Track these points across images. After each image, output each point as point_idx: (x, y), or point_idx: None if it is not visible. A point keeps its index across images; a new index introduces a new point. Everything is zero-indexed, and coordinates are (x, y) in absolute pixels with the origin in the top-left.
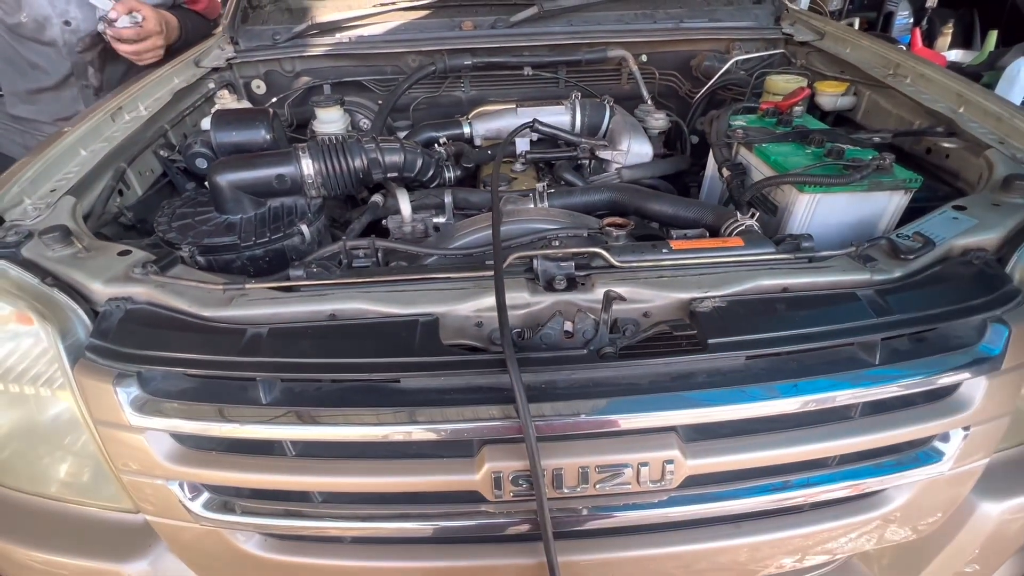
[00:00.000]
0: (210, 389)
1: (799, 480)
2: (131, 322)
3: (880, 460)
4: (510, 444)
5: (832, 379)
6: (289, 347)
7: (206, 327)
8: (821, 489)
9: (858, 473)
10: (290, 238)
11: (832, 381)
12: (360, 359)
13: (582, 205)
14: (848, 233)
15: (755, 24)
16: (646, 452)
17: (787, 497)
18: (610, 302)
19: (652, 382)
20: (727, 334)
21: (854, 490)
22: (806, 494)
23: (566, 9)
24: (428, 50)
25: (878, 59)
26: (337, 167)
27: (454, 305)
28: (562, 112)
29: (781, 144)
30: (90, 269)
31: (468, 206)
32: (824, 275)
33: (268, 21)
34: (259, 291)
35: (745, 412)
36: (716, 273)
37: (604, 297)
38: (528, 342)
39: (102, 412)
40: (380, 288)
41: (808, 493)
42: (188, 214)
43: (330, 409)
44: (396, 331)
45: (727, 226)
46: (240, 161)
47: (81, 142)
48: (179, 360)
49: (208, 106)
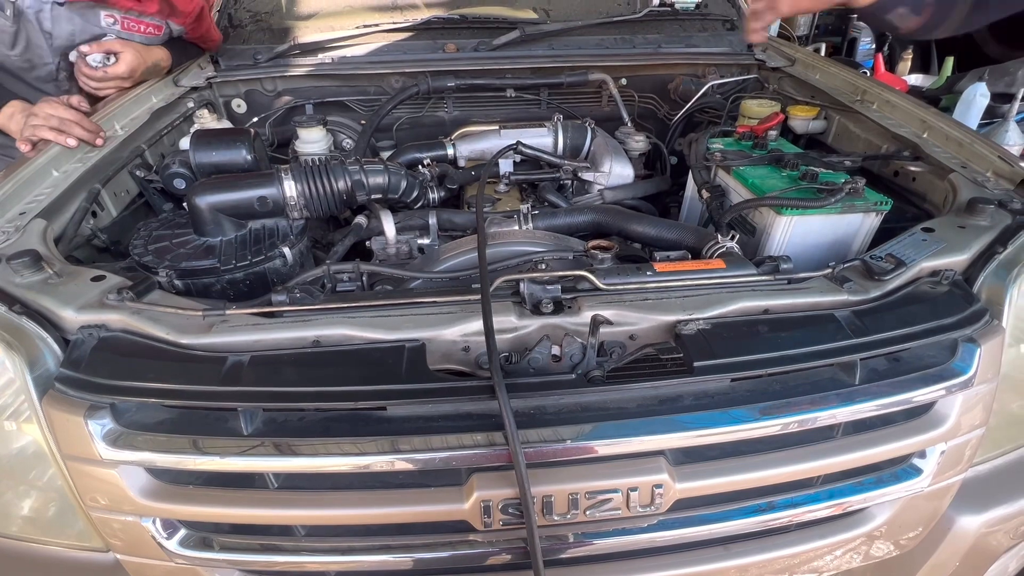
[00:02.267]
0: (188, 420)
1: (785, 500)
2: (104, 351)
3: (861, 478)
4: (499, 472)
5: (816, 400)
6: (271, 375)
7: (184, 355)
8: (806, 509)
9: (841, 492)
10: (272, 261)
11: (816, 402)
12: (345, 387)
13: (566, 226)
14: (823, 253)
15: (729, 50)
16: (635, 477)
17: (774, 518)
18: (597, 326)
19: (640, 406)
20: (713, 357)
21: (838, 509)
22: (792, 514)
23: (547, 33)
24: (411, 71)
25: (846, 85)
26: (320, 189)
27: (441, 330)
28: (544, 134)
29: (758, 167)
30: (61, 295)
31: (452, 227)
32: (803, 296)
33: (249, 40)
34: (240, 317)
35: (733, 434)
36: (699, 295)
37: (592, 321)
38: (516, 366)
39: (72, 446)
40: (365, 313)
41: (794, 513)
42: (165, 236)
43: (314, 439)
44: (382, 357)
45: (708, 248)
46: (221, 182)
47: (53, 163)
48: (155, 391)
49: (187, 125)
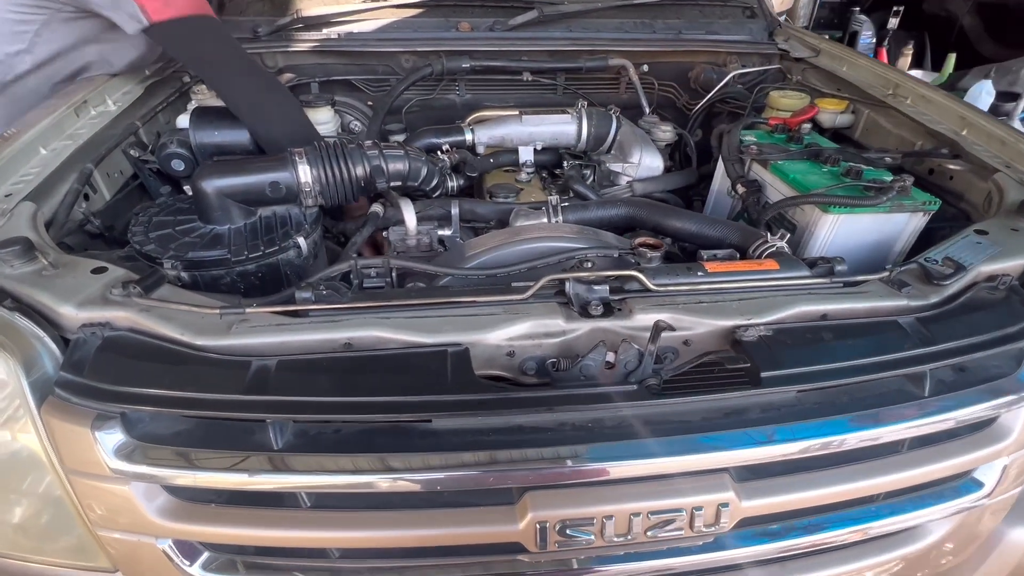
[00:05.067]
0: (209, 432)
1: (845, 516)
2: (110, 352)
3: (923, 492)
4: (555, 490)
5: (887, 413)
6: (302, 383)
7: (202, 359)
8: (868, 526)
9: (903, 507)
10: (285, 252)
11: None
12: (388, 397)
13: (598, 220)
14: (867, 253)
15: (751, 38)
16: (700, 495)
17: (835, 536)
18: (659, 332)
19: (705, 419)
20: (779, 366)
21: (900, 524)
22: (853, 531)
23: (566, 14)
24: (423, 50)
25: (877, 78)
26: (337, 174)
27: (484, 333)
28: (568, 121)
29: (795, 162)
30: (59, 289)
31: (474, 218)
32: (861, 301)
33: (247, 12)
34: (262, 316)
35: (802, 450)
36: (755, 299)
37: (654, 327)
38: (566, 374)
39: (76, 459)
40: (399, 313)
41: (856, 530)
42: (168, 223)
43: (352, 455)
44: (424, 363)
45: (756, 247)
46: (229, 166)
47: (40, 139)
48: (172, 399)
49: (182, 102)
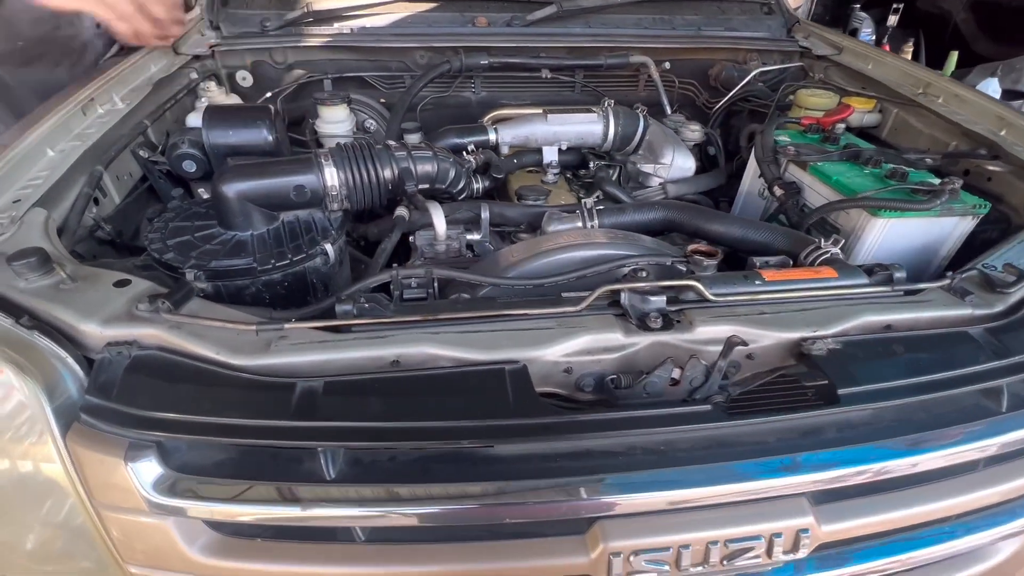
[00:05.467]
0: (254, 462)
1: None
2: (140, 374)
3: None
4: (629, 519)
5: (969, 430)
6: (354, 406)
7: (241, 380)
8: (944, 545)
9: (978, 525)
10: (312, 259)
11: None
12: (448, 422)
13: (634, 224)
14: (913, 258)
15: (770, 35)
16: (779, 521)
17: (911, 557)
18: (732, 348)
19: (780, 440)
20: (855, 382)
21: (975, 543)
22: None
23: (585, 10)
24: (439, 46)
25: (905, 77)
26: (364, 177)
27: (541, 349)
28: (594, 120)
29: (835, 163)
30: (80, 305)
31: (504, 222)
32: (925, 310)
33: (253, 5)
34: (301, 332)
35: (885, 471)
36: (818, 309)
37: (727, 343)
38: (629, 392)
39: (108, 493)
40: (449, 328)
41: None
42: (185, 229)
43: (411, 485)
44: (481, 383)
45: (808, 253)
46: (251, 169)
47: (47, 140)
48: (214, 426)
49: (190, 99)
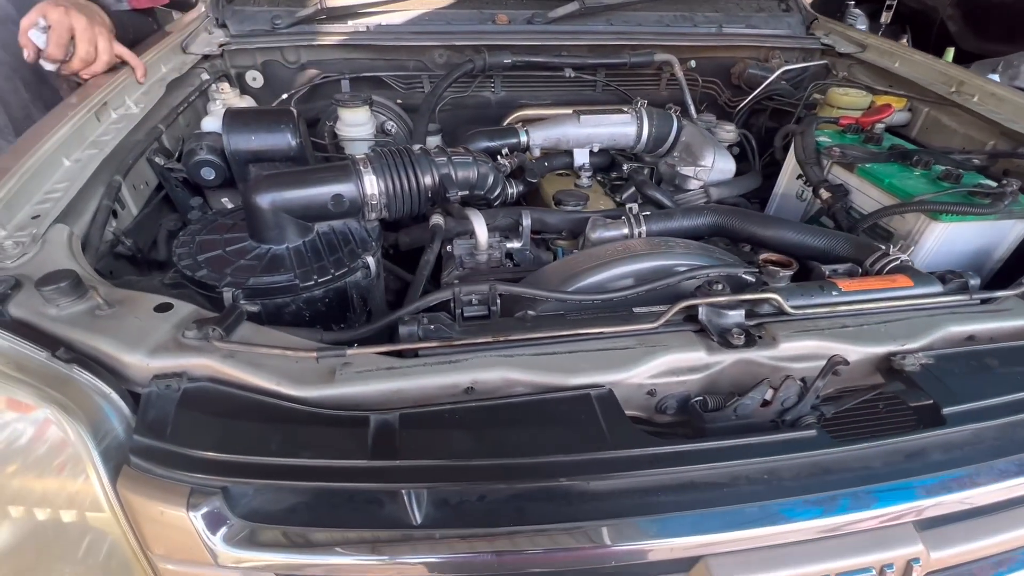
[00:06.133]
0: (332, 506)
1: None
2: (193, 409)
3: None
4: (736, 555)
5: None
6: (436, 442)
7: (308, 415)
8: None
9: None
10: (354, 273)
11: None
12: (543, 458)
13: (682, 230)
14: (967, 262)
15: (791, 32)
16: (889, 551)
17: None
18: (833, 368)
19: (887, 464)
20: (958, 400)
21: None
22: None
23: (608, 7)
24: (459, 45)
25: (936, 75)
26: (404, 185)
27: (625, 371)
28: (628, 122)
29: (884, 165)
30: (121, 334)
31: (545, 228)
32: (1004, 320)
33: (261, 1)
34: (365, 358)
35: (998, 493)
36: (899, 320)
37: (828, 363)
38: (719, 414)
39: (168, 545)
40: (522, 350)
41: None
42: (215, 243)
43: (507, 528)
44: (569, 411)
45: (875, 260)
46: (285, 178)
47: (63, 149)
48: (286, 468)
49: (202, 102)
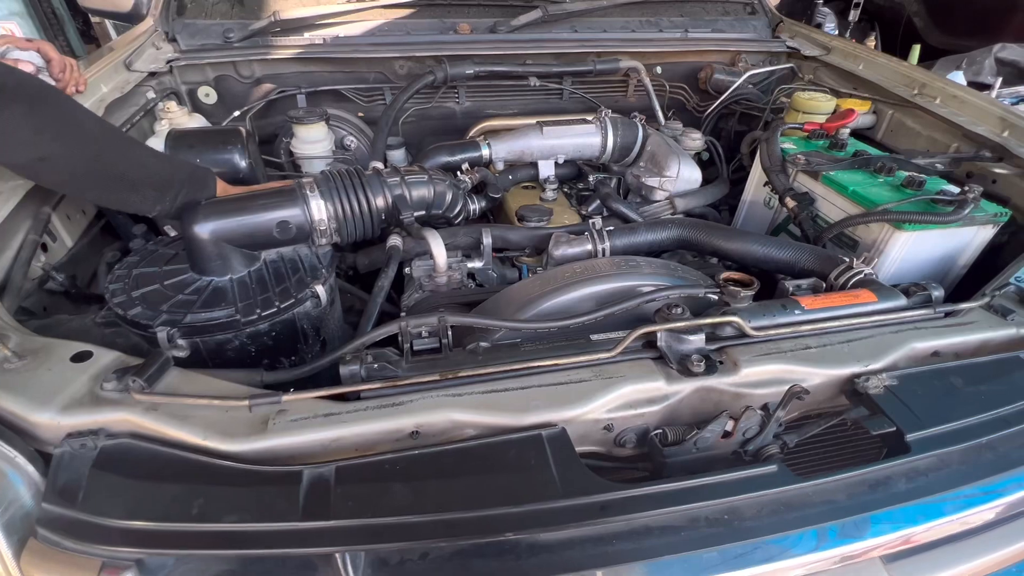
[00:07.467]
0: (262, 574)
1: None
2: (109, 471)
3: None
4: None
5: None
6: (375, 496)
7: (238, 472)
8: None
9: None
10: (302, 303)
11: None
12: (488, 510)
13: (647, 244)
14: (930, 270)
15: (756, 36)
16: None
17: None
18: (792, 398)
19: (851, 497)
20: (922, 425)
21: None
22: None
23: (571, 13)
24: (420, 55)
25: (899, 77)
26: (355, 208)
27: (579, 407)
28: (592, 132)
29: (847, 172)
30: (30, 389)
31: (507, 246)
32: (969, 333)
33: (212, 14)
34: (303, 403)
35: (966, 521)
36: (863, 339)
37: (787, 393)
38: (679, 448)
39: None
40: (471, 388)
41: None
42: (153, 277)
43: None
44: (519, 455)
45: (840, 273)
46: (227, 205)
47: None
48: (208, 535)
49: (148, 121)
